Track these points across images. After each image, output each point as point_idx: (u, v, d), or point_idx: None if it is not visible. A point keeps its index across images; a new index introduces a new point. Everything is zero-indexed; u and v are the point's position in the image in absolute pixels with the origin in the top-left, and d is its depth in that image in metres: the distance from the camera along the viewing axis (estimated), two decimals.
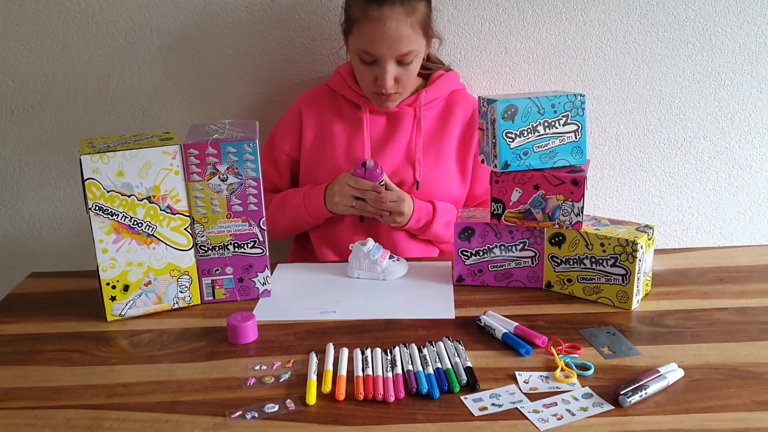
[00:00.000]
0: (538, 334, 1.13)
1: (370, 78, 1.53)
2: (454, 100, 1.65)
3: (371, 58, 1.49)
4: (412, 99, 1.61)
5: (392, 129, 1.62)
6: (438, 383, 1.02)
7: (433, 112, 1.63)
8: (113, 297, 1.26)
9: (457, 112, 1.63)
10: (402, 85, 1.53)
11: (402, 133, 1.60)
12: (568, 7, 1.79)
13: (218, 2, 1.78)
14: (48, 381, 1.09)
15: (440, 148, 1.61)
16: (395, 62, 1.49)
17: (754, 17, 1.80)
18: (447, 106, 1.64)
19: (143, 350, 1.17)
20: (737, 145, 1.91)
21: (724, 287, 1.32)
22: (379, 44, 1.46)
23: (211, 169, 1.25)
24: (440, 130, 1.62)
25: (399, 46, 1.47)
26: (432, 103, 1.63)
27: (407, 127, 1.61)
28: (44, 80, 1.82)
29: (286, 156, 1.67)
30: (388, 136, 1.61)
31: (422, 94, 1.61)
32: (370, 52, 1.48)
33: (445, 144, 1.62)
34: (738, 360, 1.07)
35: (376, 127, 1.61)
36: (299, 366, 1.10)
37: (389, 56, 1.48)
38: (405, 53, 1.48)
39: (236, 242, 1.30)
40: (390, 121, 1.62)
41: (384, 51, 1.47)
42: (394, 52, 1.47)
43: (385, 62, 1.48)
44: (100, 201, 1.21)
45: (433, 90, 1.62)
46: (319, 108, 1.65)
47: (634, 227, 1.27)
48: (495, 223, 1.31)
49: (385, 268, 1.39)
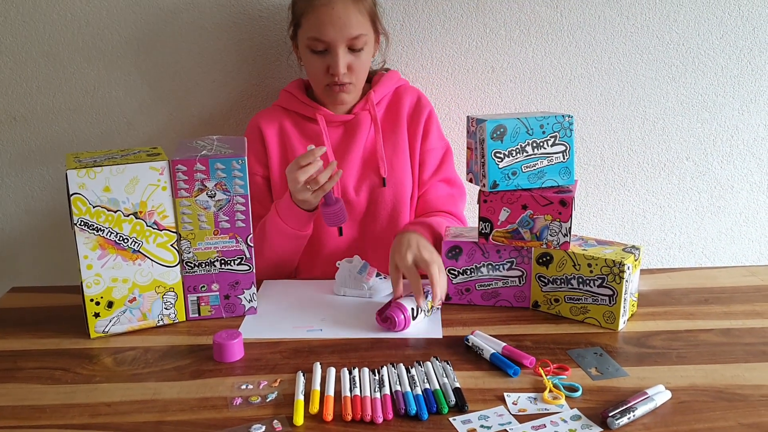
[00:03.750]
0: (526, 354, 1.13)
1: (321, 69, 1.53)
2: (399, 95, 1.66)
3: (322, 45, 1.50)
4: (363, 102, 1.62)
5: (350, 135, 1.62)
6: (426, 404, 1.02)
7: (383, 110, 1.65)
8: (97, 313, 1.24)
9: (403, 103, 1.65)
10: (355, 74, 1.54)
11: (361, 136, 1.61)
12: (555, 28, 1.81)
13: (207, 18, 1.77)
14: (30, 399, 1.07)
15: (396, 141, 1.63)
16: (347, 48, 1.50)
17: (736, 41, 1.83)
18: (393, 100, 1.66)
19: (127, 368, 1.16)
20: (719, 166, 1.93)
21: (708, 308, 1.33)
22: (329, 28, 1.48)
23: (199, 185, 1.24)
24: (392, 123, 1.64)
25: (349, 29, 1.48)
26: (381, 102, 1.64)
27: (365, 130, 1.62)
28: (29, 92, 1.80)
29: (261, 179, 1.64)
30: (347, 142, 1.62)
31: (371, 94, 1.62)
32: (321, 38, 1.49)
33: (399, 135, 1.63)
34: (724, 382, 1.08)
35: (335, 136, 1.62)
36: (286, 385, 1.09)
37: (340, 40, 1.49)
38: (355, 36, 1.49)
39: (223, 259, 1.29)
40: (347, 128, 1.63)
41: (334, 35, 1.48)
42: (344, 35, 1.48)
43: (337, 47, 1.49)
44: (85, 216, 1.19)
45: (380, 89, 1.63)
46: (276, 125, 1.64)
47: (620, 248, 1.28)
48: (483, 243, 1.31)
49: (372, 286, 1.39)
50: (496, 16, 1.80)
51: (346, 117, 1.62)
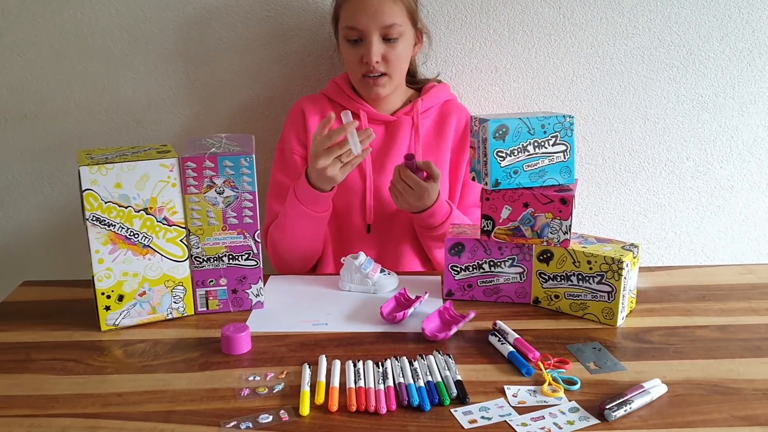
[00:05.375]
0: (533, 349, 1.16)
1: (356, 59, 1.57)
2: (448, 110, 1.69)
3: (356, 34, 1.54)
4: (408, 108, 1.65)
5: (391, 137, 1.65)
6: (429, 396, 1.05)
7: (428, 121, 1.67)
8: (108, 306, 1.27)
9: (451, 120, 1.67)
10: (390, 66, 1.56)
11: (401, 140, 1.64)
12: (558, 29, 1.83)
13: (214, 17, 1.80)
14: (43, 389, 1.10)
15: (438, 156, 1.65)
16: (380, 37, 1.54)
17: (736, 43, 1.86)
18: (441, 115, 1.69)
19: (137, 360, 1.19)
20: (719, 166, 1.96)
21: (705, 305, 1.36)
22: (362, 16, 1.52)
23: (208, 182, 1.27)
24: (437, 137, 1.66)
25: (382, 17, 1.52)
26: (427, 112, 1.67)
27: (405, 135, 1.64)
28: (39, 90, 1.84)
29: (299, 158, 1.65)
30: (387, 143, 1.65)
31: (418, 102, 1.65)
32: (354, 26, 1.53)
33: (442, 151, 1.66)
34: (719, 376, 1.10)
35: (375, 135, 1.63)
36: (292, 377, 1.12)
37: (373, 28, 1.53)
38: (389, 25, 1.53)
39: (231, 254, 1.32)
40: (388, 129, 1.66)
41: (367, 22, 1.52)
42: (377, 23, 1.52)
43: (370, 35, 1.53)
44: (97, 212, 1.22)
45: (428, 99, 1.66)
46: (319, 111, 1.67)
47: (619, 245, 1.31)
48: (485, 240, 1.34)
49: (376, 282, 1.42)
50: (500, 18, 1.83)
51: (389, 117, 1.65)
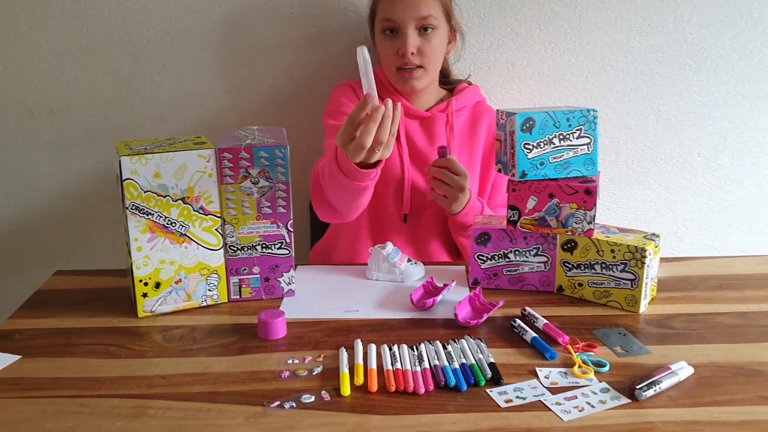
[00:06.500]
0: (562, 333, 1.20)
1: (392, 52, 1.60)
2: (480, 111, 1.73)
3: (392, 25, 1.58)
4: (443, 105, 1.69)
5: (427, 132, 1.69)
6: (464, 377, 1.08)
7: (461, 120, 1.71)
8: (145, 294, 1.31)
9: (483, 122, 1.71)
10: (425, 59, 1.60)
11: (437, 136, 1.68)
12: (574, 27, 1.88)
13: (239, 15, 1.84)
14: (89, 372, 1.13)
15: (471, 154, 1.69)
16: (416, 30, 1.58)
17: (747, 42, 1.90)
18: (473, 115, 1.73)
19: (177, 345, 1.22)
20: (729, 162, 2.00)
21: (723, 293, 1.40)
22: (398, 7, 1.57)
23: (243, 172, 1.31)
24: (470, 137, 1.70)
25: (418, 8, 1.56)
26: (460, 111, 1.71)
27: (440, 131, 1.68)
28: (66, 84, 1.87)
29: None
30: (423, 138, 1.68)
31: (452, 100, 1.69)
32: (390, 17, 1.58)
33: (475, 151, 1.70)
34: (742, 359, 1.14)
35: (411, 130, 1.68)
36: (329, 360, 1.16)
37: (409, 19, 1.57)
38: (424, 16, 1.57)
39: (264, 243, 1.36)
40: (423, 124, 1.69)
41: (403, 13, 1.56)
42: (413, 14, 1.56)
43: (406, 26, 1.57)
44: (137, 201, 1.26)
45: (461, 98, 1.70)
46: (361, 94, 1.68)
47: (641, 235, 1.35)
48: (511, 230, 1.38)
49: (404, 271, 1.46)
50: (517, 16, 1.87)
51: (424, 113, 1.68)
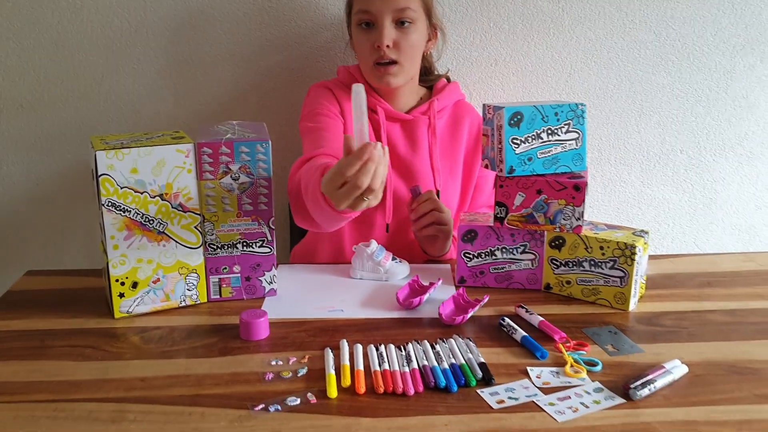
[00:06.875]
0: (558, 330, 1.18)
1: (368, 45, 1.54)
2: (461, 111, 1.68)
3: (368, 17, 1.52)
4: (425, 107, 1.63)
5: (409, 137, 1.62)
6: (454, 378, 1.05)
7: (442, 122, 1.65)
8: (121, 294, 1.26)
9: (464, 123, 1.66)
10: (401, 53, 1.53)
11: (419, 140, 1.62)
12: (556, 22, 1.86)
13: (216, 6, 1.79)
14: (64, 375, 1.09)
15: (452, 157, 1.64)
16: (393, 23, 1.52)
17: (730, 38, 1.90)
18: (454, 116, 1.67)
19: (156, 346, 1.18)
20: (712, 159, 2.00)
21: (711, 291, 1.39)
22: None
23: (223, 168, 1.27)
24: (451, 138, 1.65)
25: (395, 0, 1.50)
26: (441, 112, 1.65)
27: (423, 135, 1.62)
28: (36, 79, 1.81)
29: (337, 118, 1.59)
30: (406, 143, 1.62)
31: (434, 102, 1.63)
32: (367, 8, 1.52)
33: (456, 153, 1.65)
34: (734, 357, 1.13)
35: (392, 134, 1.62)
36: (314, 361, 1.12)
37: (385, 12, 1.50)
38: (401, 8, 1.50)
39: (245, 241, 1.32)
40: (405, 128, 1.63)
41: (379, 5, 1.50)
42: (390, 6, 1.50)
43: (382, 19, 1.51)
44: (113, 197, 1.21)
45: (442, 99, 1.65)
46: (346, 99, 1.61)
47: (630, 232, 1.33)
48: (498, 227, 1.35)
49: (388, 270, 1.42)
50: (500, 11, 1.84)
51: (405, 116, 1.62)
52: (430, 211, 1.48)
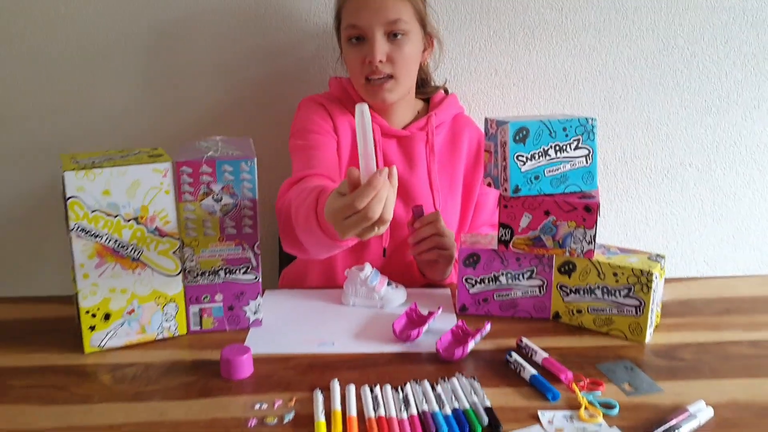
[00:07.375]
0: (564, 368, 1.07)
1: (359, 61, 1.44)
2: (460, 126, 1.58)
3: (358, 32, 1.43)
4: (422, 122, 1.53)
5: (406, 154, 1.53)
6: (458, 425, 0.95)
7: (440, 138, 1.55)
8: (92, 326, 1.15)
9: (463, 138, 1.56)
10: (396, 67, 1.43)
11: (416, 157, 1.52)
12: (559, 31, 1.76)
13: (198, 17, 1.70)
14: (21, 422, 0.98)
15: (452, 174, 1.54)
16: (385, 35, 1.42)
17: (740, 46, 1.81)
18: (453, 131, 1.57)
19: (128, 386, 1.07)
20: (722, 173, 1.91)
21: (731, 318, 1.29)
22: (364, 13, 1.41)
23: (204, 188, 1.16)
24: (450, 155, 1.55)
25: (386, 12, 1.40)
26: (440, 128, 1.55)
27: (420, 152, 1.52)
28: (10, 92, 1.71)
29: (329, 135, 1.50)
30: (403, 161, 1.53)
31: (432, 117, 1.53)
32: (355, 23, 1.42)
33: (456, 170, 1.55)
34: (764, 397, 1.03)
35: (388, 152, 1.52)
36: (302, 405, 1.02)
37: (375, 25, 1.41)
38: (393, 20, 1.41)
39: (228, 267, 1.21)
40: (401, 145, 1.53)
41: (369, 18, 1.41)
42: (380, 19, 1.40)
43: (373, 32, 1.41)
44: (83, 221, 1.10)
45: (440, 113, 1.55)
46: (339, 115, 1.52)
47: (645, 256, 1.23)
48: (503, 250, 1.25)
49: (383, 296, 1.32)
50: (501, 19, 1.75)
51: (402, 132, 1.52)
52: (430, 236, 1.38)
